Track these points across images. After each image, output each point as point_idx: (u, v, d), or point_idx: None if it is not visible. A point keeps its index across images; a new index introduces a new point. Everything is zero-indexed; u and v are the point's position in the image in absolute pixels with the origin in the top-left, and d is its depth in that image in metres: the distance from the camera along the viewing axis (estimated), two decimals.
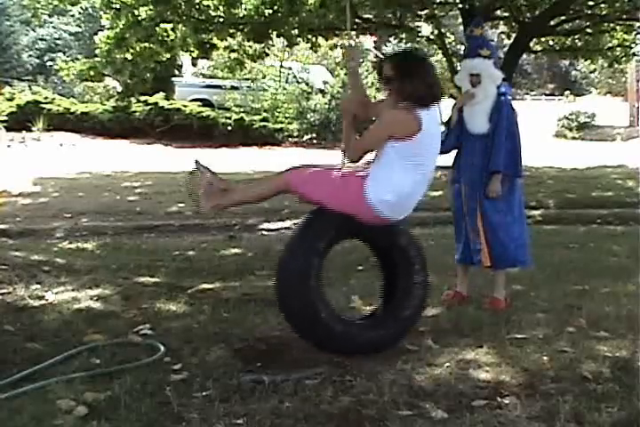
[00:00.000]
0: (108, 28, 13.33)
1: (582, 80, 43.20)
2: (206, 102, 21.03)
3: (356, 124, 3.66)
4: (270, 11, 12.45)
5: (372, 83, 21.54)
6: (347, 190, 3.47)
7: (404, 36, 13.63)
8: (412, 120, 3.39)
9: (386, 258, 3.81)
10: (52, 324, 4.08)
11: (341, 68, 23.14)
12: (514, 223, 4.60)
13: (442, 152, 4.92)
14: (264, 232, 7.91)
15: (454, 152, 4.88)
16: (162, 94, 20.04)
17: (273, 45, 15.01)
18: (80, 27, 38.21)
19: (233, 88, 21.57)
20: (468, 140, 4.63)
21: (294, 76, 22.41)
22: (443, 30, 13.59)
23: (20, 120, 19.27)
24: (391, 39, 18.12)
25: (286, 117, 20.85)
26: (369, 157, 3.65)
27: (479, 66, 4.60)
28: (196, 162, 3.66)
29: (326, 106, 20.73)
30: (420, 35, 13.73)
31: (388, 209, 3.47)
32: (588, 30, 13.86)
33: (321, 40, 14.11)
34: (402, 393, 3.09)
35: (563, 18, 13.45)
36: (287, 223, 8.09)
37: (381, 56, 33.12)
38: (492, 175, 4.53)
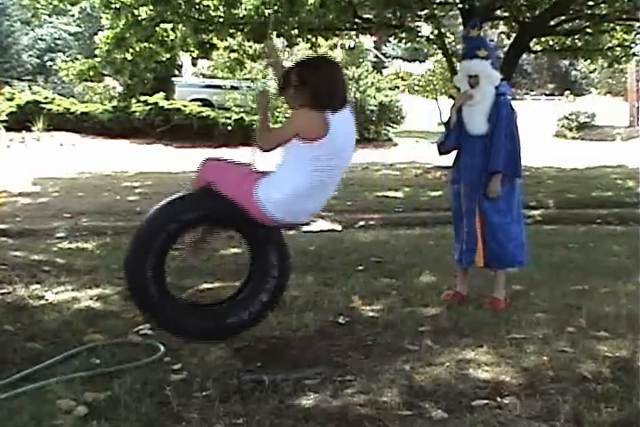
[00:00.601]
0: (108, 28, 13.34)
1: (582, 80, 43.24)
2: (206, 102, 21.04)
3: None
4: (270, 11, 12.45)
5: (372, 83, 21.56)
6: (242, 185, 3.52)
7: (404, 35, 13.63)
8: (320, 123, 3.36)
9: (255, 252, 3.83)
10: (51, 324, 4.08)
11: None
12: (512, 223, 4.61)
13: (442, 153, 4.93)
14: None
15: (454, 152, 4.86)
16: (162, 94, 20.06)
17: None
18: (80, 27, 38.25)
19: (233, 88, 21.58)
20: (468, 140, 4.63)
21: None
22: (443, 30, 13.59)
23: (20, 120, 19.29)
24: (391, 39, 18.08)
25: (286, 117, 20.85)
26: None
27: (477, 67, 4.59)
28: None
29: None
30: (419, 35, 13.73)
31: (274, 208, 3.45)
32: (588, 30, 13.86)
33: (321, 40, 14.11)
34: (402, 393, 3.09)
35: (563, 18, 13.46)
36: None
37: (381, 56, 33.13)
38: (491, 175, 4.53)
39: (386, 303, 4.52)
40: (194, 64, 25.05)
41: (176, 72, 23.87)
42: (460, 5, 12.78)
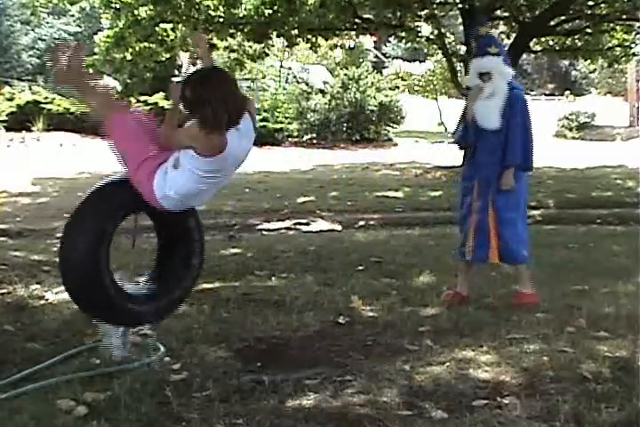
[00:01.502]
0: (108, 28, 13.35)
1: (582, 80, 43.25)
2: None
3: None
4: (270, 11, 12.47)
5: (372, 83, 21.57)
6: (143, 168, 3.42)
7: (403, 35, 13.64)
8: (217, 144, 3.25)
9: (168, 236, 3.83)
10: (51, 324, 4.07)
11: (341, 68, 23.18)
12: (519, 219, 4.64)
13: (462, 147, 4.94)
14: (264, 232, 7.90)
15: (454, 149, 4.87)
16: (162, 94, 20.05)
17: (273, 45, 15.04)
18: (80, 27, 38.25)
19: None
20: (482, 136, 4.62)
21: (294, 76, 22.44)
22: (443, 30, 13.61)
23: (20, 120, 19.29)
24: (391, 39, 18.09)
25: (286, 117, 20.87)
26: None
27: (488, 64, 4.60)
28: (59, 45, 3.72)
29: (326, 106, 20.74)
30: (419, 35, 13.74)
31: (169, 203, 3.46)
32: (588, 30, 13.88)
33: (321, 40, 14.12)
34: (402, 393, 3.09)
35: (563, 18, 13.48)
36: (287, 223, 8.10)
37: (381, 56, 33.13)
38: (505, 169, 4.52)
39: (386, 303, 4.51)
40: (194, 64, 25.05)
41: (176, 72, 23.87)
42: (460, 5, 12.79)
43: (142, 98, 19.72)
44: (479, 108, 4.62)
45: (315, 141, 20.36)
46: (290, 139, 20.34)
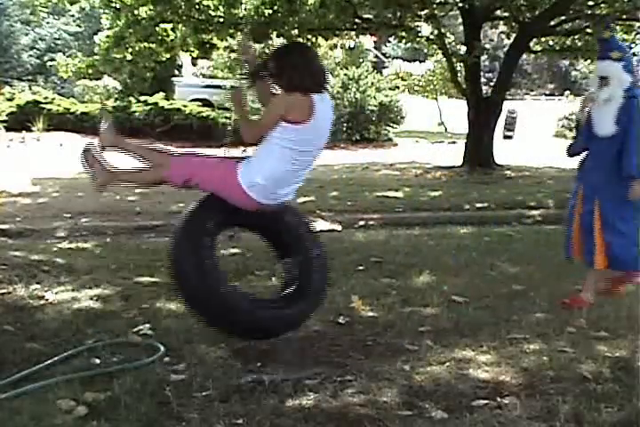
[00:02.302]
0: (108, 28, 13.35)
1: (582, 80, 43.23)
2: (206, 102, 21.04)
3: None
4: (270, 11, 12.46)
5: (372, 83, 21.56)
6: (221, 172, 3.51)
7: (404, 35, 13.63)
8: (306, 105, 3.36)
9: (277, 239, 3.81)
10: (51, 324, 4.07)
11: (341, 68, 23.17)
12: (627, 224, 4.52)
13: (570, 155, 4.88)
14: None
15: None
16: (162, 94, 20.06)
17: (273, 45, 15.03)
18: (80, 27, 38.26)
19: (233, 88, 21.57)
20: (594, 142, 4.60)
21: None
22: (443, 30, 13.60)
23: (20, 120, 19.28)
24: (391, 39, 18.09)
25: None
26: None
27: (607, 68, 4.57)
28: (103, 113, 3.77)
29: None
30: (419, 35, 13.73)
31: (258, 193, 3.45)
32: (588, 30, 13.86)
33: (321, 40, 14.11)
34: (402, 393, 3.09)
35: (563, 18, 13.47)
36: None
37: (381, 56, 33.15)
38: (630, 180, 4.42)
39: (386, 303, 4.51)
40: (194, 64, 25.05)
41: (176, 72, 23.88)
42: (460, 5, 12.77)
43: (142, 98, 19.72)
44: (594, 114, 4.60)
45: None
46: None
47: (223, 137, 18.98)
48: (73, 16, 37.79)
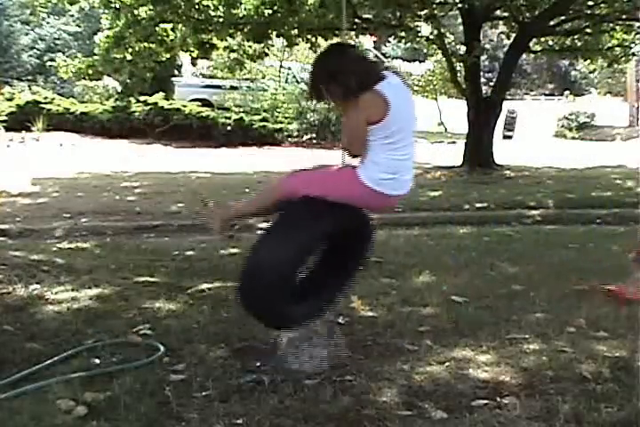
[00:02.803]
0: (108, 28, 13.35)
1: (582, 80, 43.25)
2: (206, 102, 21.04)
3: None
4: (270, 11, 12.46)
5: None
6: (344, 180, 3.43)
7: (403, 35, 13.63)
8: (377, 101, 3.24)
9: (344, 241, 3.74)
10: (51, 324, 4.07)
11: None
12: None
13: None
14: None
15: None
16: (161, 94, 20.06)
17: (272, 45, 15.03)
18: (79, 27, 38.25)
19: (232, 88, 21.58)
20: None
21: (294, 76, 22.42)
22: (442, 30, 13.60)
23: (20, 120, 19.28)
24: (391, 39, 18.10)
25: (286, 117, 20.86)
26: None
27: None
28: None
29: (326, 106, 20.71)
30: (419, 35, 13.73)
31: (386, 186, 3.42)
32: (588, 30, 13.87)
33: (320, 40, 14.11)
34: (401, 393, 3.09)
35: (562, 18, 13.47)
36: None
37: (381, 56, 33.20)
38: None
39: (386, 303, 4.52)
40: (193, 64, 25.04)
41: (176, 72, 23.88)
42: (460, 5, 12.78)
43: (142, 98, 19.72)
44: None
45: (315, 141, 20.34)
46: (290, 139, 20.32)
47: (222, 136, 19.00)
48: (72, 16, 37.77)
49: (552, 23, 13.41)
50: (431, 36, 13.58)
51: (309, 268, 3.54)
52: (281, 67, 22.85)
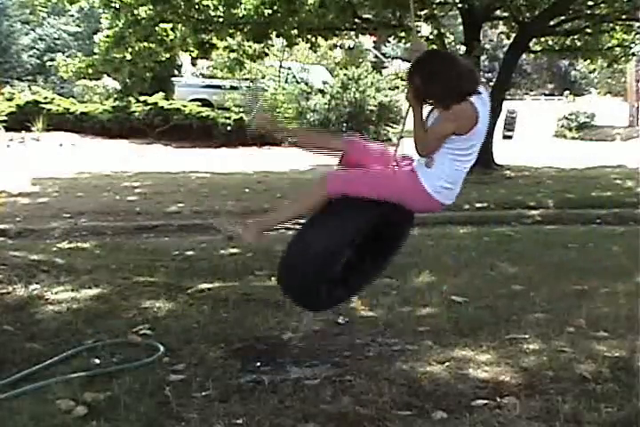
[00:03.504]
0: (108, 28, 13.35)
1: (582, 80, 43.24)
2: (206, 102, 21.04)
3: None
4: (270, 11, 12.46)
5: (372, 83, 21.56)
6: (402, 182, 3.44)
7: (403, 35, 13.64)
8: (469, 113, 3.25)
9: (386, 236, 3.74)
10: (51, 324, 4.07)
11: (341, 68, 23.16)
12: None
13: None
14: (263, 232, 7.88)
15: None
16: (161, 94, 20.06)
17: (272, 45, 15.03)
18: (79, 26, 38.25)
19: (232, 88, 21.58)
20: None
21: (294, 76, 22.42)
22: (442, 30, 13.60)
23: (20, 120, 19.28)
24: (391, 39, 18.10)
25: (286, 117, 20.85)
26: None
27: None
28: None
29: (326, 106, 20.72)
30: (419, 35, 13.73)
31: (444, 196, 3.43)
32: (588, 30, 13.88)
33: (320, 40, 14.13)
34: (401, 393, 3.09)
35: (562, 18, 13.48)
36: (287, 223, 8.07)
37: (381, 56, 33.20)
38: None
39: (386, 303, 4.51)
40: (193, 64, 25.05)
41: (175, 72, 23.87)
42: (460, 5, 12.78)
43: (142, 98, 19.72)
44: None
45: None
46: (290, 139, 20.31)
47: (222, 136, 19.00)
48: (72, 16, 37.78)
49: (552, 23, 13.42)
50: (431, 36, 13.58)
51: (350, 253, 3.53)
52: (281, 67, 22.84)
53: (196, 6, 12.51)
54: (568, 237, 7.08)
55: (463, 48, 14.05)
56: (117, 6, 12.59)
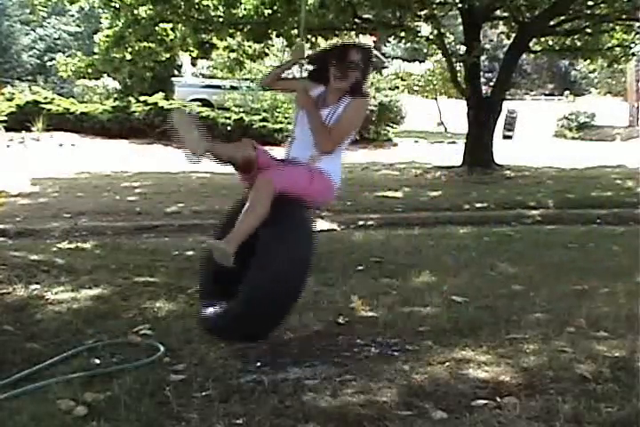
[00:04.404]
0: (108, 28, 13.36)
1: (582, 80, 43.26)
2: (206, 102, 21.04)
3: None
4: (270, 11, 12.47)
5: (372, 83, 21.56)
6: (317, 181, 3.54)
7: (403, 35, 13.64)
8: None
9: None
10: (51, 324, 4.07)
11: None
12: None
13: None
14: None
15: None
16: (161, 94, 20.06)
17: (272, 45, 15.04)
18: (79, 26, 38.27)
19: (232, 88, 21.58)
20: None
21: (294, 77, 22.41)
22: (442, 30, 13.60)
23: (20, 120, 19.30)
24: (391, 39, 18.11)
25: (286, 117, 20.85)
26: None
27: None
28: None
29: None
30: (419, 35, 13.74)
31: (336, 190, 3.60)
32: (588, 30, 13.88)
33: (320, 40, 14.11)
34: (401, 393, 3.08)
35: (562, 18, 13.49)
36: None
37: (381, 56, 33.25)
38: None
39: (386, 303, 4.51)
40: (193, 64, 25.05)
41: (175, 72, 23.88)
42: (460, 5, 12.78)
43: (142, 98, 19.72)
44: None
45: None
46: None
47: (222, 136, 19.02)
48: (73, 16, 37.80)
49: (552, 23, 13.42)
50: (431, 36, 13.59)
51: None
52: None
53: (196, 6, 12.52)
54: (568, 237, 7.08)
55: (463, 48, 14.05)
56: (117, 6, 12.60)
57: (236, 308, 3.50)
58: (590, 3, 13.33)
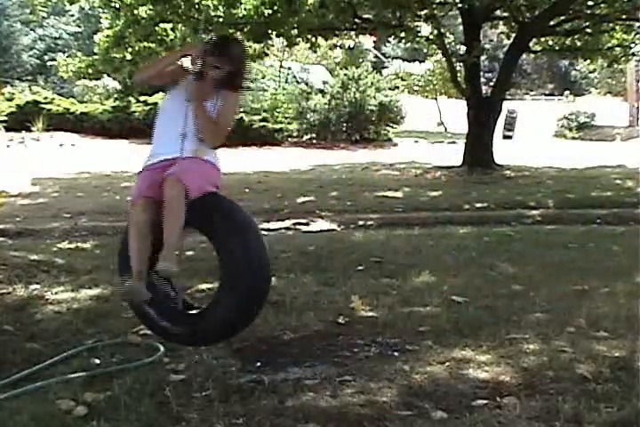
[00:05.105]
0: (108, 28, 13.37)
1: (582, 80, 43.27)
2: None
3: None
4: (270, 11, 12.48)
5: (372, 83, 21.57)
6: (211, 173, 3.90)
7: (403, 35, 13.64)
8: None
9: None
10: (51, 324, 4.07)
11: (341, 68, 23.18)
12: None
13: None
14: (263, 232, 7.88)
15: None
16: (161, 94, 20.03)
17: (272, 45, 15.05)
18: (79, 27, 38.28)
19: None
20: None
21: (294, 76, 22.44)
22: (442, 30, 13.60)
23: (20, 120, 19.31)
24: (391, 39, 18.12)
25: (286, 117, 20.87)
26: None
27: None
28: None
29: (326, 106, 20.73)
30: (419, 35, 13.74)
31: None
32: (588, 30, 13.88)
33: (320, 40, 14.13)
34: (401, 393, 3.09)
35: (562, 18, 13.49)
36: (287, 223, 8.08)
37: (381, 56, 33.23)
38: None
39: (386, 303, 4.51)
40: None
41: None
42: (460, 5, 12.78)
43: (142, 98, 19.72)
44: None
45: (314, 141, 20.35)
46: (290, 139, 20.33)
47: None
48: (73, 16, 37.81)
49: (552, 23, 13.42)
50: (431, 36, 13.58)
51: None
52: (281, 67, 22.85)
53: (197, 6, 12.52)
54: (568, 237, 7.08)
55: (463, 48, 14.05)
56: (117, 6, 12.61)
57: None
58: (590, 3, 13.33)
